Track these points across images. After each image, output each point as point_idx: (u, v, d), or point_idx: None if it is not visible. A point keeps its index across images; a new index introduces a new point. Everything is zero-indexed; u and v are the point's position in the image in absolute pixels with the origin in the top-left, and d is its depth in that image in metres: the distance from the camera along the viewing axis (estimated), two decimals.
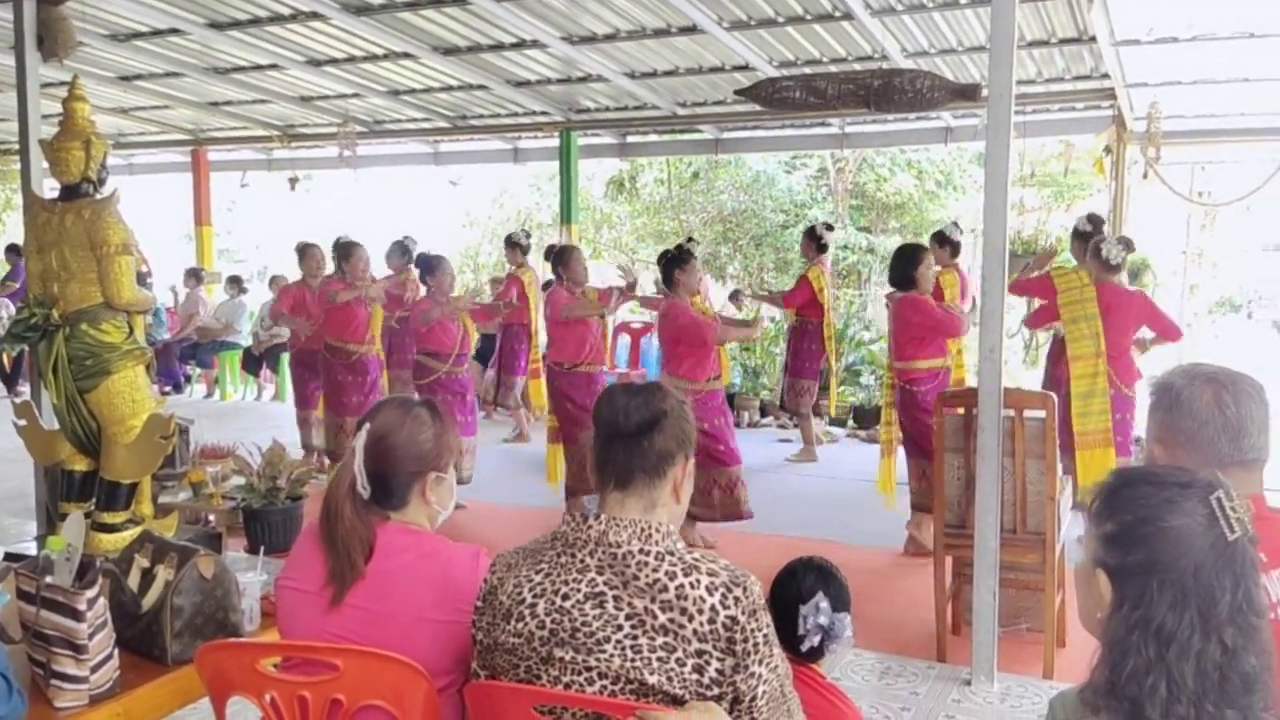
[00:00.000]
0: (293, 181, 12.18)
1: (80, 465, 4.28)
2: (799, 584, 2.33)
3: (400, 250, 8.22)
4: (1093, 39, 6.92)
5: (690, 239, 9.18)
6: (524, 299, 8.41)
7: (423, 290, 7.08)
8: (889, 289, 5.95)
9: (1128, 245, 5.86)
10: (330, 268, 7.45)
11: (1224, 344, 14.86)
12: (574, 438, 6.07)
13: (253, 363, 11.09)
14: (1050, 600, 4.02)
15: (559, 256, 6.54)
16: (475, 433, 6.66)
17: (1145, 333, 6.00)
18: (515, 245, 8.70)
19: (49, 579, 2.07)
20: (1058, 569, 4.10)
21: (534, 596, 1.70)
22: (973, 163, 13.74)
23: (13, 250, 11.55)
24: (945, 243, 7.38)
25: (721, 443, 5.59)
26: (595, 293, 6.53)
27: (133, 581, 2.29)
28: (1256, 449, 1.83)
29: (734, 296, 11.44)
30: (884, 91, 6.30)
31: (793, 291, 8.10)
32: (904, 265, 5.63)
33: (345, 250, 7.24)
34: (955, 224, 7.82)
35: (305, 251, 7.63)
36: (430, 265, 6.71)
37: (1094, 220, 6.53)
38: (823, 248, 8.01)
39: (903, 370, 5.59)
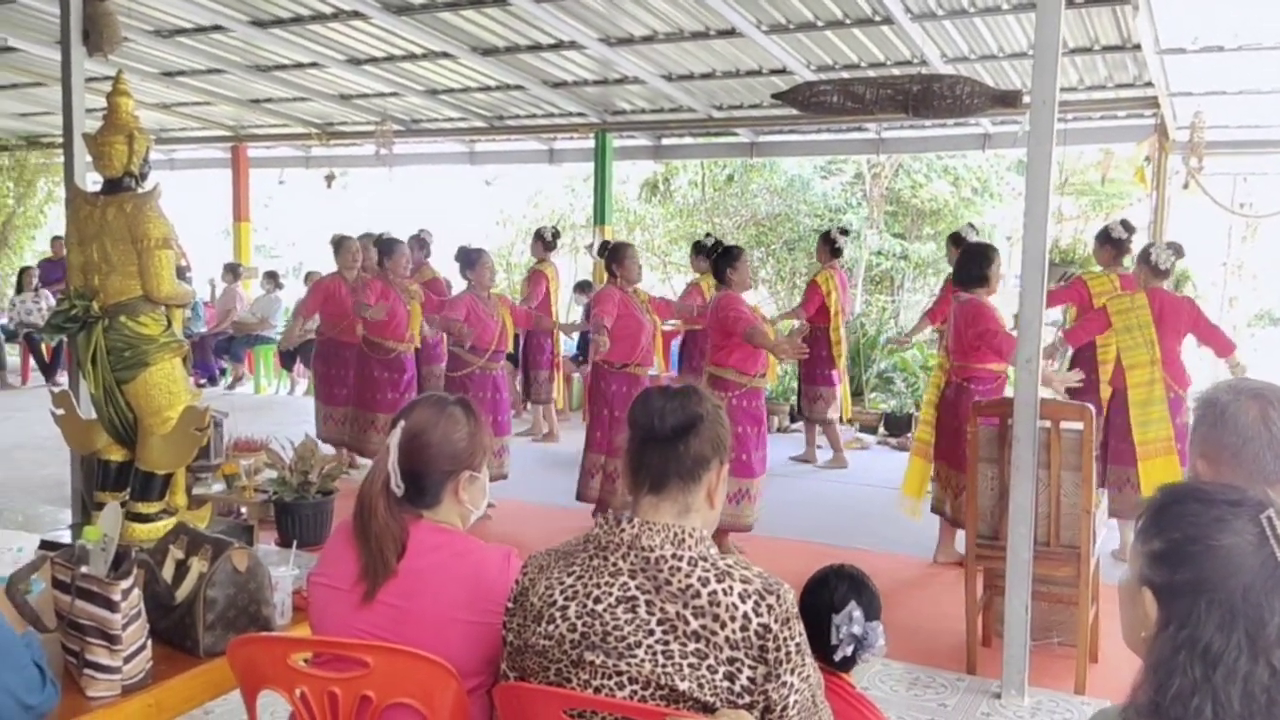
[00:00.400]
0: (329, 179, 12.27)
1: (116, 455, 4.33)
2: (831, 592, 2.31)
3: (417, 245, 8.23)
4: (1137, 47, 6.83)
5: (708, 235, 9.17)
6: (546, 295, 8.46)
7: (459, 284, 7.08)
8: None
9: (1178, 251, 5.79)
10: (361, 261, 7.51)
11: (1263, 357, 14.62)
12: (602, 444, 5.96)
13: (287, 357, 11.19)
14: (1084, 615, 3.96)
15: (613, 254, 6.34)
16: (509, 431, 6.63)
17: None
18: (541, 239, 8.73)
19: (84, 569, 2.08)
20: (1092, 583, 4.04)
21: (565, 599, 1.69)
22: (1010, 170, 13.60)
23: (58, 241, 11.74)
24: (960, 244, 7.29)
25: (745, 451, 5.41)
26: (647, 296, 6.51)
27: (167, 573, 2.30)
28: None
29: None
30: (923, 97, 6.25)
31: (805, 300, 8.08)
32: (977, 264, 5.52)
33: (388, 247, 7.19)
34: (971, 225, 7.86)
35: (341, 244, 7.58)
36: (470, 259, 6.54)
37: (1127, 227, 6.47)
38: (837, 252, 8.00)
39: (962, 368, 5.42)
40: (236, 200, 13.09)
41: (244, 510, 5.34)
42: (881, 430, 9.63)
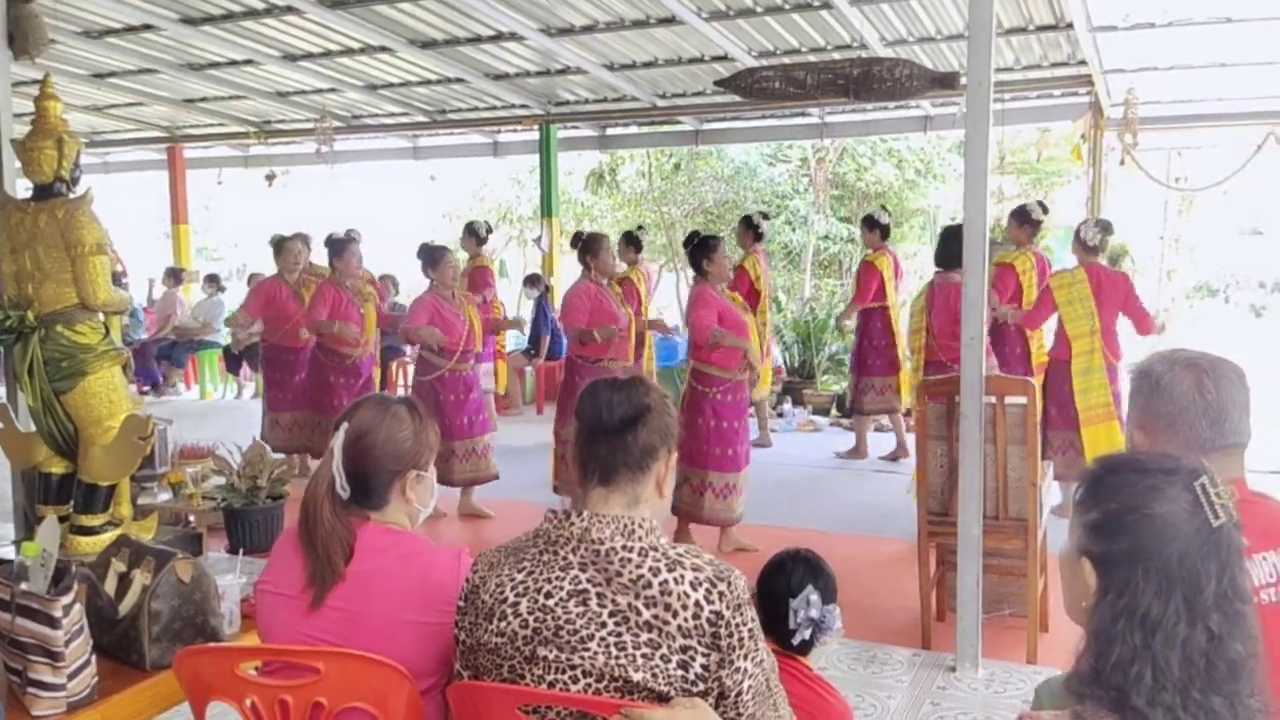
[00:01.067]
0: (269, 178, 12.09)
1: (57, 468, 4.23)
2: (788, 577, 2.33)
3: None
4: (1070, 26, 6.94)
5: (640, 228, 9.13)
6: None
7: (416, 282, 7.01)
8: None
9: (1105, 228, 5.98)
10: (304, 263, 7.37)
11: (1201, 328, 14.97)
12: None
13: (233, 361, 11.02)
14: (1033, 586, 4.04)
15: (587, 246, 6.18)
16: (491, 429, 6.47)
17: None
18: (474, 234, 8.61)
19: (24, 585, 2.03)
20: (1040, 554, 4.12)
21: (516, 595, 1.69)
22: (952, 151, 13.76)
23: None
24: (875, 226, 7.69)
25: (732, 445, 5.40)
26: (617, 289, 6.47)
27: (109, 586, 2.26)
28: (1237, 433, 1.83)
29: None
30: (863, 80, 6.30)
31: (733, 286, 8.04)
32: (959, 244, 5.58)
33: (338, 247, 6.94)
34: (884, 208, 8.14)
35: (282, 245, 7.36)
36: (434, 257, 6.26)
37: (1044, 207, 6.91)
38: (759, 236, 8.00)
39: (953, 348, 5.47)
40: (174, 202, 12.85)
41: (192, 518, 5.25)
42: (834, 412, 9.71)
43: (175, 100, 10.40)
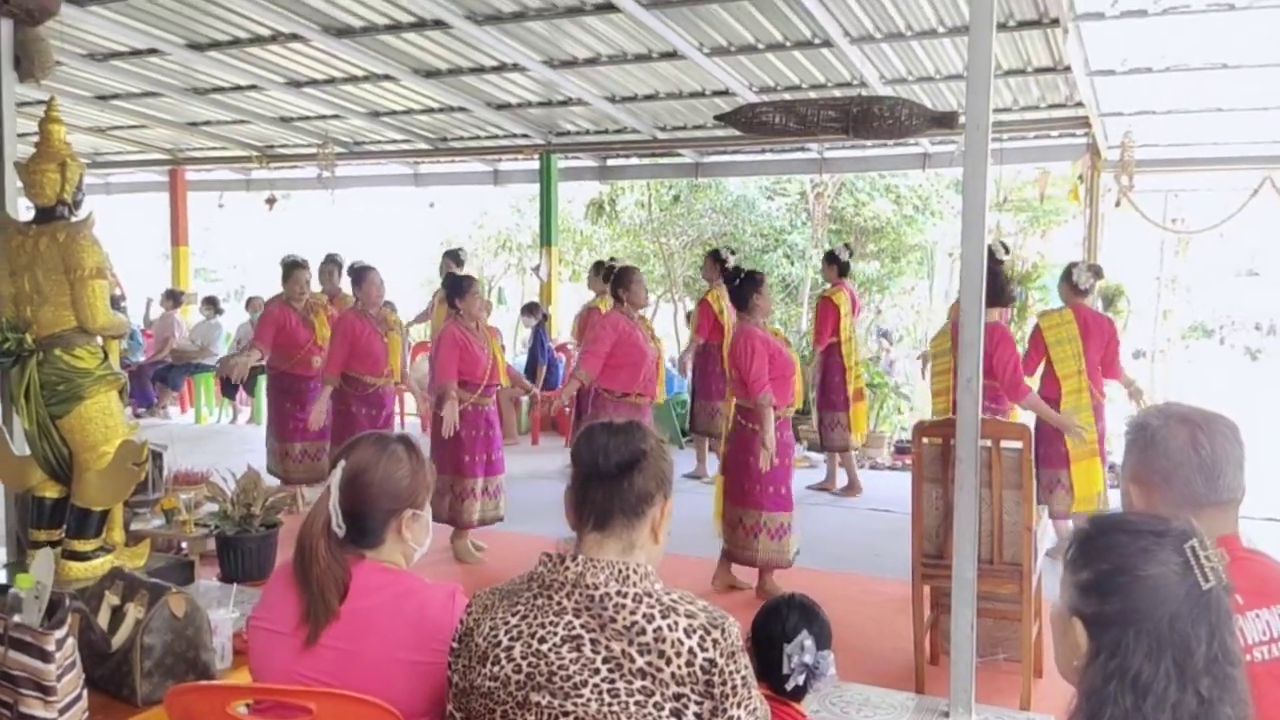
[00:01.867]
0: (270, 202, 12.13)
1: (51, 492, 4.22)
2: (783, 622, 2.33)
3: (335, 269, 7.70)
4: (1068, 69, 7.01)
5: (612, 258, 9.14)
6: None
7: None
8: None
9: (1097, 273, 6.23)
10: (315, 287, 7.27)
11: (1197, 369, 15.02)
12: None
13: (228, 385, 11.00)
14: (1027, 631, 4.03)
15: (619, 278, 5.98)
16: (503, 470, 6.10)
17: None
18: (456, 259, 8.61)
19: (17, 618, 2.03)
20: (1034, 599, 4.11)
21: (510, 639, 1.68)
22: (949, 188, 13.84)
23: None
24: (835, 262, 7.79)
25: (784, 484, 5.28)
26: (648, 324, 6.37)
27: (102, 619, 2.25)
28: (1231, 489, 1.83)
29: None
30: (863, 118, 6.35)
31: (699, 322, 8.16)
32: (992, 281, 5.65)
33: (359, 275, 6.65)
34: (846, 245, 8.36)
35: (291, 271, 7.06)
36: (460, 287, 6.04)
37: (1006, 248, 6.90)
38: (725, 271, 7.82)
39: (990, 388, 5.39)
40: (175, 224, 12.88)
41: (184, 546, 5.23)
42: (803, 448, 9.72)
43: (178, 123, 10.46)
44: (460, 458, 5.82)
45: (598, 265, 8.51)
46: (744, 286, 5.46)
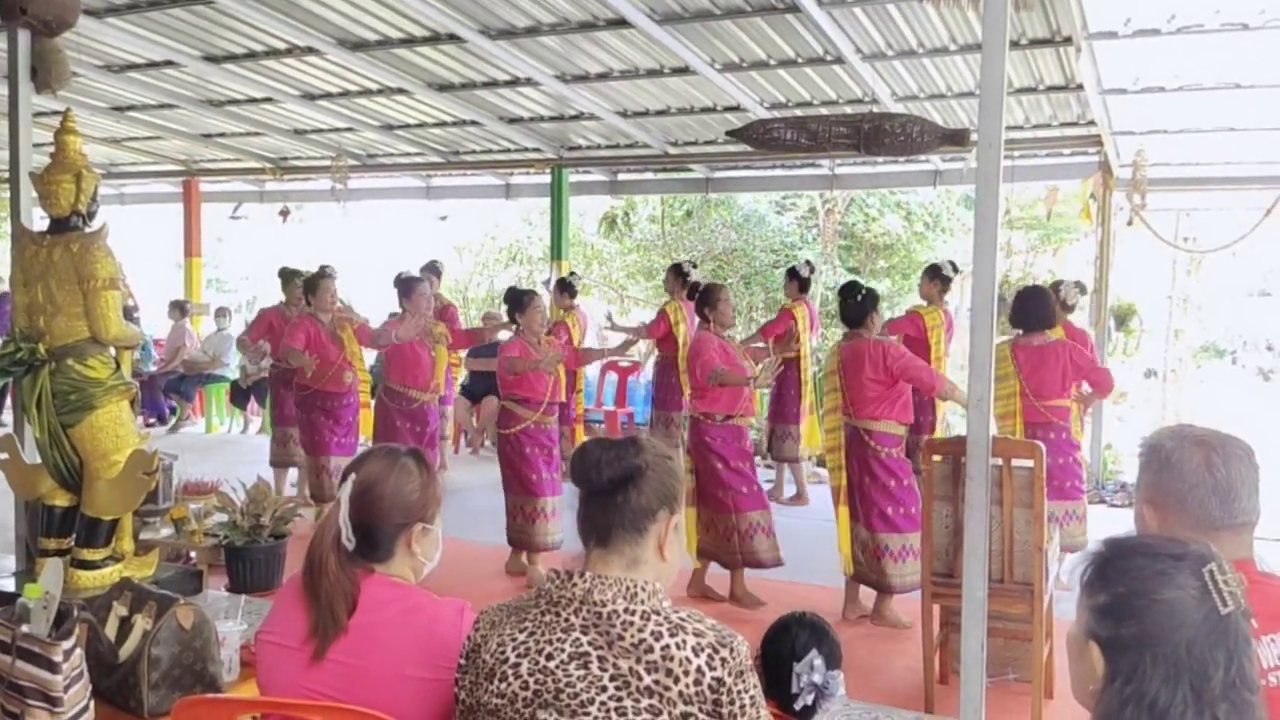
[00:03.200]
0: (284, 214, 12.18)
1: (61, 500, 4.24)
2: (792, 641, 2.32)
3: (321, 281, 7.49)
4: (1080, 87, 7.00)
5: (573, 273, 9.24)
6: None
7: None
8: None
9: (1083, 289, 6.51)
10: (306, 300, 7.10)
11: (1209, 389, 14.93)
12: (712, 498, 5.43)
13: (240, 396, 11.02)
14: (1038, 650, 3.99)
15: (705, 297, 5.72)
16: (561, 491, 5.84)
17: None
18: (436, 271, 8.59)
19: (25, 628, 2.03)
20: (1045, 619, 4.08)
21: (517, 656, 1.68)
22: (960, 204, 13.84)
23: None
24: (795, 278, 8.13)
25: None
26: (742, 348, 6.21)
27: (110, 630, 2.25)
28: (1246, 512, 1.82)
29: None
30: (875, 135, 6.33)
31: (654, 322, 8.31)
32: (1035, 306, 5.80)
33: (407, 287, 6.41)
34: (808, 263, 8.60)
35: (317, 283, 6.87)
36: (521, 302, 5.90)
37: (955, 267, 7.39)
38: (689, 285, 8.07)
39: (1057, 408, 5.65)
40: (188, 235, 12.94)
41: (193, 555, 5.24)
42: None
43: (193, 135, 10.52)
44: (528, 477, 5.72)
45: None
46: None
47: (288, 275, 7.23)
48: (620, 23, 6.55)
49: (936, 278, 7.22)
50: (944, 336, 7.02)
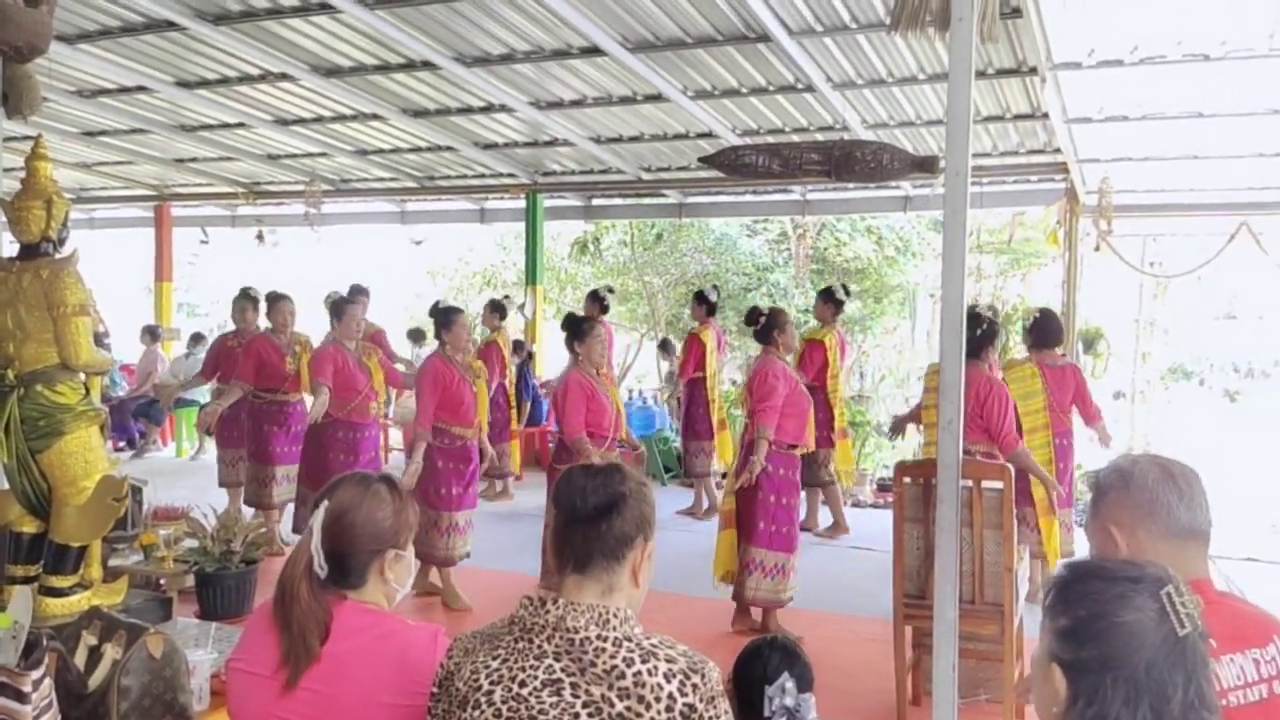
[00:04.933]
0: (259, 236, 12.14)
1: (29, 527, 4.19)
2: (764, 664, 2.33)
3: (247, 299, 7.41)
4: (1045, 115, 7.12)
5: (507, 296, 9.32)
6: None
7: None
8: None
9: (995, 312, 6.64)
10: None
11: (1176, 411, 15.13)
12: (764, 538, 5.25)
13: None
14: (1009, 671, 4.03)
15: (773, 320, 5.55)
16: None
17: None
18: (704, 302, 8.64)
19: None
20: (1016, 640, 4.12)
21: (491, 683, 1.68)
22: (930, 229, 13.99)
23: None
24: (703, 302, 8.45)
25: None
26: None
27: (79, 659, 2.23)
28: (1208, 520, 1.86)
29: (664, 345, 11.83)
30: (845, 162, 6.42)
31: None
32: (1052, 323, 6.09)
33: (445, 318, 5.99)
34: (715, 287, 9.12)
35: (342, 307, 6.47)
36: (581, 331, 5.58)
37: (846, 290, 7.90)
38: (605, 309, 8.49)
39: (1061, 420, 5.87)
40: (159, 260, 12.87)
41: (163, 582, 5.18)
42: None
43: (165, 160, 10.48)
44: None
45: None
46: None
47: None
48: (594, 50, 6.61)
49: (830, 300, 7.72)
50: (839, 355, 7.64)
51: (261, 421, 6.92)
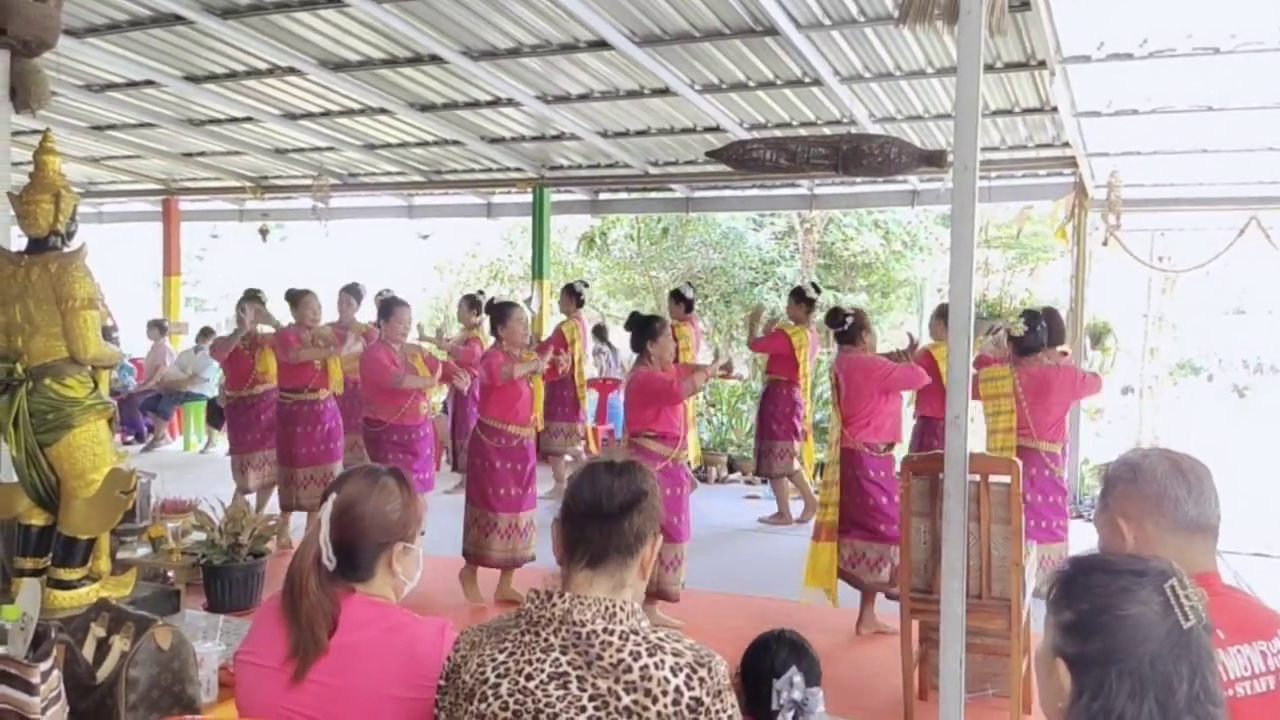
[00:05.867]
0: (264, 233, 12.15)
1: (38, 520, 4.21)
2: (772, 658, 2.34)
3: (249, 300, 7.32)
4: (1054, 109, 7.10)
5: (481, 292, 9.20)
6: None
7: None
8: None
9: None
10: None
11: (1185, 406, 15.08)
12: (888, 532, 5.21)
13: (217, 414, 10.96)
14: (1016, 666, 4.03)
15: (859, 320, 5.61)
16: (688, 538, 5.44)
17: None
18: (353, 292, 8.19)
19: (1, 649, 2.02)
20: (1024, 635, 4.11)
21: (497, 676, 1.68)
22: (938, 223, 13.97)
23: None
24: (680, 300, 8.57)
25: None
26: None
27: (88, 651, 2.24)
28: (1216, 514, 1.86)
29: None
30: (853, 156, 6.39)
31: (549, 341, 8.42)
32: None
33: (501, 313, 5.95)
34: (690, 284, 9.26)
35: (391, 309, 6.34)
36: (652, 330, 5.37)
37: (817, 289, 8.10)
38: (580, 302, 8.70)
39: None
40: (167, 254, 12.88)
41: (171, 574, 5.20)
42: (817, 478, 9.75)
43: (173, 154, 10.50)
44: (670, 520, 5.18)
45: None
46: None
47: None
48: (601, 44, 6.60)
49: (801, 300, 7.87)
50: (809, 354, 7.85)
51: (292, 423, 6.85)
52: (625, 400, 5.52)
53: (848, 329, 5.61)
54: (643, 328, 5.44)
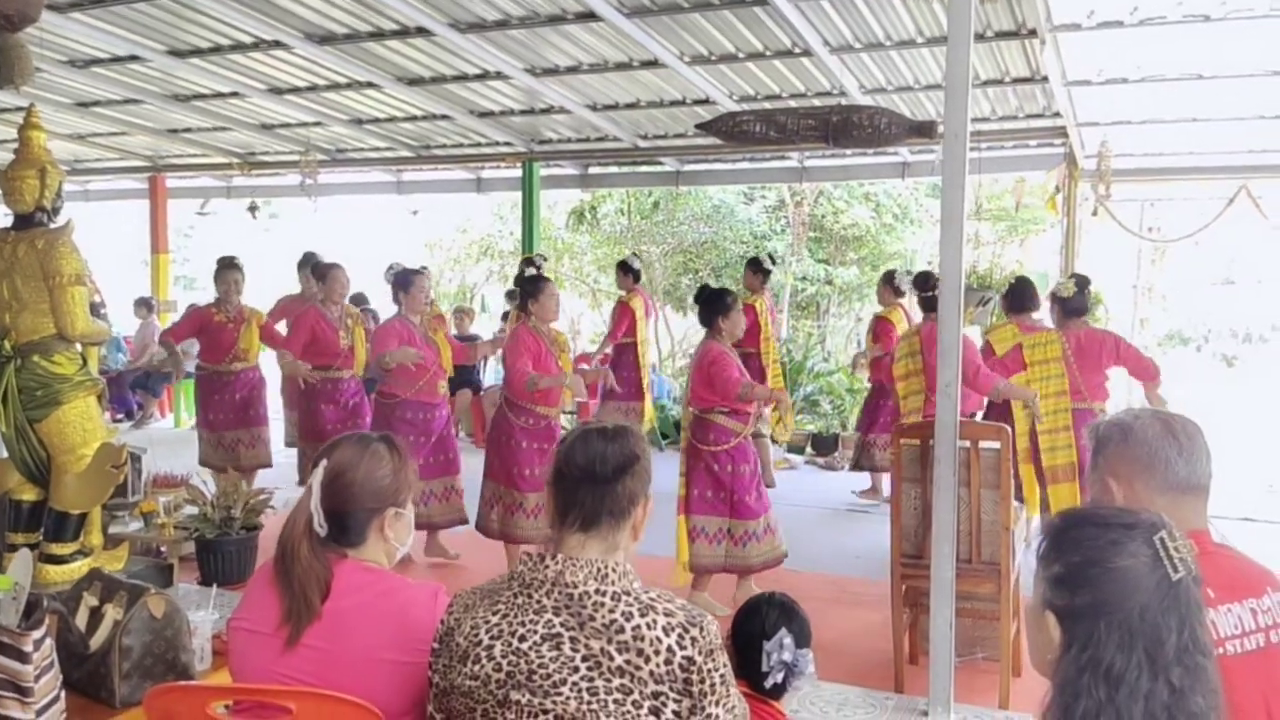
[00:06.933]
0: (253, 210, 12.08)
1: (29, 495, 4.22)
2: (763, 620, 2.35)
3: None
4: (1045, 79, 7.08)
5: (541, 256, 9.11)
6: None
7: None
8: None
9: (911, 275, 6.70)
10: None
11: (1174, 376, 15.13)
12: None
13: None
14: (1006, 630, 4.06)
15: (927, 283, 5.70)
16: (766, 509, 5.24)
17: None
18: (630, 270, 8.97)
19: None
20: (1013, 599, 4.14)
21: (491, 638, 1.69)
22: (929, 195, 13.94)
23: None
24: (629, 271, 8.91)
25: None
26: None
27: (80, 620, 2.25)
28: (1206, 474, 1.88)
29: None
30: (843, 127, 6.39)
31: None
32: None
33: (531, 287, 5.77)
34: (636, 254, 9.58)
35: (411, 279, 6.06)
36: (725, 304, 5.20)
37: (773, 259, 8.32)
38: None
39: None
40: (155, 231, 12.80)
41: (163, 549, 5.21)
42: (809, 450, 9.79)
43: (159, 130, 10.40)
44: (743, 499, 5.17)
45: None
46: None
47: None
48: (589, 15, 6.54)
49: (759, 271, 8.02)
50: (770, 320, 7.93)
51: (316, 400, 6.73)
52: (692, 375, 5.27)
53: (933, 295, 5.37)
54: (714, 301, 5.21)
